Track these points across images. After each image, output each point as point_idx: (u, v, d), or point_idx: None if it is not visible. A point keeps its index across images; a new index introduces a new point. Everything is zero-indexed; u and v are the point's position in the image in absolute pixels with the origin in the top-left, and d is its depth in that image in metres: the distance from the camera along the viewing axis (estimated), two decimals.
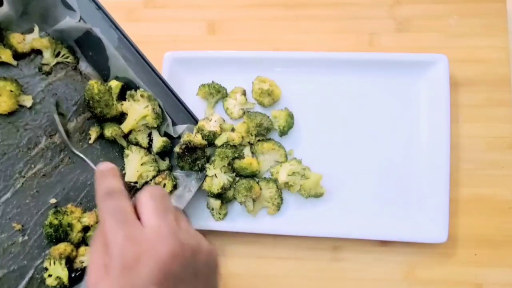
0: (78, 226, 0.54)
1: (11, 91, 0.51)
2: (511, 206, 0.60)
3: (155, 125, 0.57)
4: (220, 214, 0.60)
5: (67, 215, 0.54)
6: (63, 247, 0.52)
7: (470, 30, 0.64)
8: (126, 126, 0.57)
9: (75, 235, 0.54)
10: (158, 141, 0.58)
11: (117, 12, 0.69)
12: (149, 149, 0.59)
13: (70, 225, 0.53)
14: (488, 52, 0.64)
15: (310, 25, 0.67)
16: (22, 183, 0.52)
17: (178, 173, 0.60)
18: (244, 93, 0.62)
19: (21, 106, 0.53)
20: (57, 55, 0.56)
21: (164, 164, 0.60)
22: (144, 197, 0.39)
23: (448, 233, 0.57)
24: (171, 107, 0.58)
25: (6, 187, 0.51)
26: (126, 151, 0.58)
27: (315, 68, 0.63)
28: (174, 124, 0.58)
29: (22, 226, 0.52)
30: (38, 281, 0.52)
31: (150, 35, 0.69)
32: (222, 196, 0.59)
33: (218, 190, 0.57)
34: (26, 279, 0.51)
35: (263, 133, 0.60)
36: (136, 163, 0.57)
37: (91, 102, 0.55)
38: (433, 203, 0.58)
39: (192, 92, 0.63)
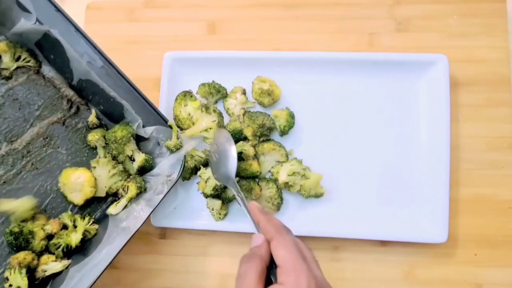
0: (40, 234, 0.52)
1: None
2: (511, 206, 0.60)
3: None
4: (220, 214, 0.60)
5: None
6: (22, 256, 0.51)
7: (470, 30, 0.64)
8: (190, 132, 0.59)
9: (37, 243, 0.52)
10: (140, 157, 0.57)
11: (117, 12, 0.70)
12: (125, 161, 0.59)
13: (31, 232, 0.52)
14: (488, 52, 0.64)
15: (310, 25, 0.67)
16: None
17: (148, 176, 0.59)
18: (244, 92, 0.62)
19: None
20: (18, 59, 0.55)
21: (133, 169, 0.59)
22: (305, 248, 0.42)
23: (448, 233, 0.57)
24: (139, 109, 0.56)
25: None
26: (93, 163, 0.57)
27: (315, 68, 0.63)
28: (143, 126, 0.58)
29: None
30: None
31: (150, 35, 0.69)
32: (223, 197, 0.59)
33: (210, 191, 0.57)
34: None
35: (266, 133, 0.60)
36: (104, 178, 0.57)
37: (110, 142, 0.56)
38: (433, 203, 0.58)
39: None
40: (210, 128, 0.60)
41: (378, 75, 0.62)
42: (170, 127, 0.57)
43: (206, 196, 0.59)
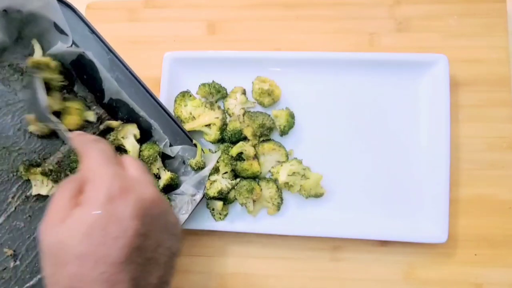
0: None
1: (78, 109, 0.55)
2: (511, 206, 0.60)
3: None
4: (220, 214, 0.60)
5: None
6: None
7: (470, 30, 0.64)
8: (190, 126, 0.60)
9: None
10: (166, 175, 0.58)
11: (118, 12, 0.70)
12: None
13: None
14: (488, 52, 0.63)
15: (310, 25, 0.67)
16: (15, 208, 0.52)
17: (172, 194, 0.59)
18: (244, 92, 0.62)
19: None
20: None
21: (159, 186, 0.59)
22: (127, 157, 0.42)
23: (448, 233, 0.57)
24: (167, 128, 0.58)
25: None
26: None
27: (315, 68, 0.63)
28: (170, 145, 0.58)
29: (14, 251, 0.52)
30: None
31: (150, 35, 0.69)
32: (224, 198, 0.60)
33: (214, 194, 0.57)
34: None
35: (266, 133, 0.60)
36: None
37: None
38: (433, 203, 0.58)
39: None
40: (214, 124, 0.60)
41: (378, 75, 0.62)
42: (195, 145, 0.58)
43: (209, 197, 0.59)
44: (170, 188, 0.59)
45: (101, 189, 0.35)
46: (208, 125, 0.61)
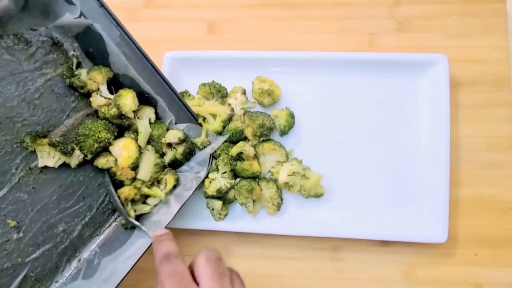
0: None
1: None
2: (511, 206, 0.60)
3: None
4: (220, 214, 0.60)
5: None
6: (127, 191, 0.55)
7: (470, 30, 0.64)
8: (197, 109, 0.60)
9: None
10: (171, 152, 0.59)
11: (118, 12, 0.69)
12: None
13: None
14: (488, 52, 0.64)
15: (310, 25, 0.67)
16: (18, 179, 0.52)
17: (177, 172, 0.60)
18: (244, 92, 0.62)
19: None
20: (58, 49, 0.56)
21: (164, 162, 0.60)
22: (201, 260, 0.42)
23: (448, 233, 0.57)
24: (172, 106, 0.58)
25: (2, 183, 0.51)
26: (143, 150, 0.59)
27: (315, 68, 0.63)
28: (175, 122, 0.59)
29: (17, 223, 0.52)
30: (32, 279, 0.52)
31: (150, 35, 0.69)
32: (224, 198, 0.60)
33: (213, 192, 0.58)
34: (20, 277, 0.51)
35: (266, 133, 0.60)
36: (150, 164, 0.58)
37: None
38: (433, 203, 0.58)
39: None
40: (220, 116, 0.60)
41: (378, 75, 0.62)
42: (201, 125, 0.59)
43: (208, 196, 0.59)
44: (174, 165, 0.60)
45: None
46: (214, 115, 0.61)
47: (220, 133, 0.61)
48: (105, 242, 0.57)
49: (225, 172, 0.59)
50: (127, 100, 0.55)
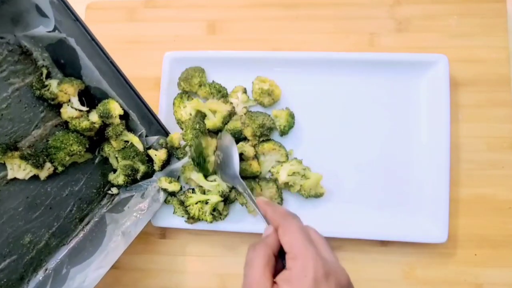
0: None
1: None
2: (511, 206, 0.60)
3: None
4: (221, 215, 0.60)
5: None
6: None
7: (470, 30, 0.64)
8: (197, 105, 0.61)
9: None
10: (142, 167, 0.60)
11: (118, 12, 0.70)
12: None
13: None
14: (488, 52, 0.64)
15: (310, 25, 0.67)
16: None
17: (145, 183, 0.61)
18: (245, 91, 0.62)
19: None
20: (26, 59, 0.54)
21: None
22: (315, 234, 0.42)
23: (448, 233, 0.57)
24: (143, 119, 0.59)
25: None
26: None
27: (315, 68, 0.63)
28: (146, 135, 0.60)
29: None
30: None
31: (150, 35, 0.69)
32: (225, 199, 0.59)
33: (217, 194, 0.58)
34: None
35: (266, 133, 0.60)
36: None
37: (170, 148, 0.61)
38: (433, 203, 0.58)
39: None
40: (220, 112, 0.60)
41: (378, 75, 0.62)
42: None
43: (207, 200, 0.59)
44: (146, 176, 0.61)
45: (308, 271, 0.37)
46: (214, 112, 0.61)
47: (220, 130, 0.61)
48: (72, 252, 0.57)
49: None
50: (114, 104, 0.55)
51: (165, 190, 0.60)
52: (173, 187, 0.59)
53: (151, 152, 0.60)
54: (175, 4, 0.69)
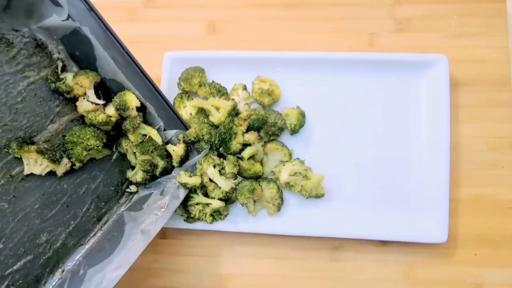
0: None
1: None
2: (511, 206, 0.60)
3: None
4: (221, 215, 0.60)
5: None
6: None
7: (470, 30, 0.64)
8: (200, 103, 0.60)
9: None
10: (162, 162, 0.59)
11: (118, 12, 0.70)
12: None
13: None
14: (488, 52, 0.64)
15: (310, 25, 0.67)
16: None
17: (163, 180, 0.59)
18: (245, 88, 0.62)
19: None
20: (42, 51, 0.54)
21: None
22: None
23: (448, 233, 0.57)
24: (161, 112, 0.57)
25: None
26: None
27: (315, 68, 0.63)
28: (164, 129, 0.58)
29: None
30: None
31: (150, 35, 0.69)
32: (227, 199, 0.59)
33: (219, 195, 0.58)
34: None
35: (277, 133, 0.60)
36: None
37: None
38: (433, 203, 0.58)
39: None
40: (224, 108, 0.59)
41: (378, 75, 0.62)
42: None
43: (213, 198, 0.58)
44: (165, 172, 0.59)
45: None
46: (217, 108, 0.60)
47: (221, 124, 0.60)
48: (90, 252, 0.55)
49: (232, 173, 0.59)
50: (131, 96, 0.54)
51: (185, 185, 0.57)
52: (193, 180, 0.57)
53: (169, 147, 0.58)
54: (175, 4, 0.70)
